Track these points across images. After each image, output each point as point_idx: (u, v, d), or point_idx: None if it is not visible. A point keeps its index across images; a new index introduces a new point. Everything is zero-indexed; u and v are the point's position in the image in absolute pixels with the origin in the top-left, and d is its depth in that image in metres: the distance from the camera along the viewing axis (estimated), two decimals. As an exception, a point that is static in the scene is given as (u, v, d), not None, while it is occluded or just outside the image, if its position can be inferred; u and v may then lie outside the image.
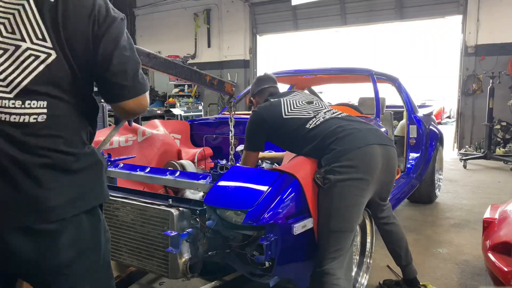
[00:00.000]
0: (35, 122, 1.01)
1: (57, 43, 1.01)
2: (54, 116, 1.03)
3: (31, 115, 1.00)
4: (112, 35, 1.07)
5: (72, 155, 1.07)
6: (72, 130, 1.08)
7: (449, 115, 15.92)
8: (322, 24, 9.84)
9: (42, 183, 1.02)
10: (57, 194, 1.04)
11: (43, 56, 1.00)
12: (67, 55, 1.03)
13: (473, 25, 7.84)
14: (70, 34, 1.02)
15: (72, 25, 1.02)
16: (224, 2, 10.49)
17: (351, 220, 1.88)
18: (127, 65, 1.10)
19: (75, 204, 1.08)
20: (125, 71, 1.10)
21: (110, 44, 1.07)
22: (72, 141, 1.07)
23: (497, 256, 2.03)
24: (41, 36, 1.00)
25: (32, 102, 1.00)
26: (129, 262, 1.91)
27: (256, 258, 1.65)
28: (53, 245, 1.05)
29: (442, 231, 3.58)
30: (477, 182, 5.50)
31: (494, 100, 6.73)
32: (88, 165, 1.11)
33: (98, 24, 1.05)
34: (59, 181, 1.04)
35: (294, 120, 2.10)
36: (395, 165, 2.10)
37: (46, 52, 1.01)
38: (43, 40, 1.00)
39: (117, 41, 1.08)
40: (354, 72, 3.95)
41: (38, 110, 1.01)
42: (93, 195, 1.14)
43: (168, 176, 2.07)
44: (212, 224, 1.75)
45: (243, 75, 10.41)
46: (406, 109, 4.03)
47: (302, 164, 1.93)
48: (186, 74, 2.09)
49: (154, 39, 11.53)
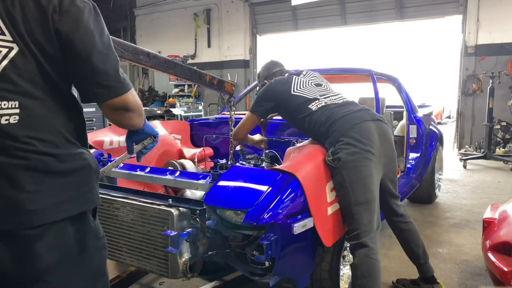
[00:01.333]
0: (7, 123, 0.95)
1: (17, 36, 0.96)
2: (28, 116, 0.97)
3: (2, 116, 0.95)
4: (83, 29, 1.00)
5: (53, 156, 1.01)
6: (50, 130, 1.01)
7: (449, 115, 15.91)
8: (322, 24, 9.84)
9: (21, 186, 0.97)
10: (38, 198, 0.98)
11: (4, 50, 0.95)
12: (30, 48, 0.97)
13: (473, 25, 7.84)
14: (31, 26, 0.96)
15: (31, 16, 0.96)
16: (224, 2, 10.49)
17: (371, 188, 1.99)
18: (106, 64, 1.04)
19: (59, 209, 1.02)
20: (106, 71, 1.03)
21: (83, 41, 1.00)
22: (53, 142, 1.01)
23: (497, 256, 2.03)
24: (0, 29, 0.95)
25: (3, 102, 0.95)
26: (129, 262, 1.91)
27: (256, 258, 1.65)
28: (30, 251, 1.00)
29: (442, 231, 3.58)
30: (477, 182, 5.50)
31: (494, 100, 6.72)
32: (75, 167, 1.05)
33: (59, 15, 0.98)
34: (41, 184, 0.99)
35: (299, 98, 2.29)
36: (391, 138, 2.23)
37: (7, 46, 0.95)
38: (1, 34, 0.95)
39: (92, 38, 1.01)
40: (354, 72, 3.95)
41: (10, 110, 0.95)
42: (81, 200, 1.07)
43: (168, 176, 2.07)
44: (212, 224, 1.75)
45: (243, 75, 10.41)
46: (406, 109, 4.03)
47: (302, 164, 1.93)
48: (186, 74, 2.09)
49: (154, 39, 11.52)
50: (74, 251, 1.07)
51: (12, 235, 0.98)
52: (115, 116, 1.12)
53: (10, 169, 0.96)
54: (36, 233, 0.99)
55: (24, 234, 0.99)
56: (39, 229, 0.99)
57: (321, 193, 1.89)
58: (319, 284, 1.99)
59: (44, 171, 0.99)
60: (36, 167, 0.98)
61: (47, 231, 1.01)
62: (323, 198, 1.89)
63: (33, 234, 0.99)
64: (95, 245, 1.14)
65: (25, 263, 1.00)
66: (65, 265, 1.06)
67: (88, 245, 1.11)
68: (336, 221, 1.95)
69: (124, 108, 1.10)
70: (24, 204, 0.97)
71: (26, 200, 0.97)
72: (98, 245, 1.15)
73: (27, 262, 1.00)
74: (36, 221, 0.99)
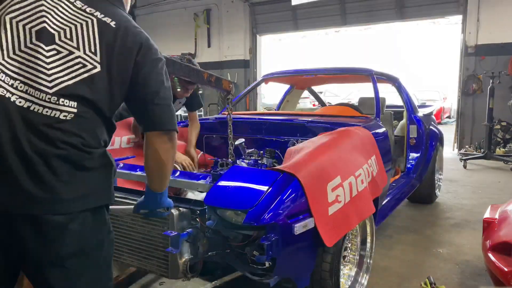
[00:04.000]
0: (64, 119, 1.09)
1: (105, 60, 1.14)
2: (80, 118, 1.11)
3: (62, 111, 1.09)
4: (157, 75, 1.23)
5: (88, 153, 1.13)
6: (91, 133, 1.15)
7: (449, 115, 15.91)
8: (322, 24, 9.83)
9: (57, 174, 1.07)
10: (70, 188, 1.09)
11: (90, 66, 1.12)
12: (110, 72, 1.15)
13: (473, 25, 7.84)
14: (119, 59, 1.16)
15: (125, 51, 1.17)
16: (224, 2, 10.48)
17: None
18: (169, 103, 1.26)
19: (83, 200, 1.12)
20: (169, 106, 1.26)
21: (156, 83, 1.22)
22: (90, 143, 1.14)
23: (497, 256, 2.03)
24: (94, 50, 1.13)
25: (66, 101, 1.09)
26: (129, 262, 1.91)
27: (256, 258, 1.65)
28: (57, 237, 1.09)
29: (442, 231, 3.58)
30: (477, 182, 5.50)
31: (494, 100, 6.72)
32: (100, 164, 1.17)
33: (143, 60, 1.20)
34: (73, 175, 1.10)
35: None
36: None
37: (93, 64, 1.13)
38: (94, 53, 1.13)
39: (162, 81, 1.24)
40: (354, 72, 3.95)
41: (69, 109, 1.09)
42: (101, 194, 1.18)
43: (168, 176, 2.07)
44: (212, 224, 1.75)
45: (243, 75, 10.41)
46: (406, 109, 4.03)
47: (302, 164, 1.93)
48: (184, 72, 2.08)
49: (154, 39, 11.08)
50: (91, 241, 1.17)
51: (41, 220, 1.07)
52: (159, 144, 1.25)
53: (52, 158, 1.06)
54: (63, 220, 1.09)
55: (53, 220, 1.08)
56: (65, 216, 1.09)
57: (322, 193, 1.88)
58: (319, 284, 1.98)
59: (78, 165, 1.11)
60: (72, 160, 1.10)
61: (72, 220, 1.10)
62: (324, 198, 1.89)
63: (60, 221, 1.09)
64: (108, 238, 1.23)
65: (50, 248, 1.09)
66: (83, 254, 1.15)
67: (103, 237, 1.21)
68: (337, 221, 1.95)
69: (169, 140, 1.26)
70: (58, 191, 1.07)
71: (60, 188, 1.07)
72: (110, 238, 1.25)
73: (52, 247, 1.09)
74: (65, 208, 1.09)
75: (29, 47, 1.08)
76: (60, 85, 1.09)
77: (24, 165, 1.04)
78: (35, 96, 1.07)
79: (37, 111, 1.06)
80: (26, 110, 1.06)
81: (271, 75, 4.15)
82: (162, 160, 1.26)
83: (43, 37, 1.10)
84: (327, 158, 2.06)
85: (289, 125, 3.05)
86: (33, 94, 1.07)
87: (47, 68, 1.08)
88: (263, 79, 4.19)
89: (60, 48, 1.10)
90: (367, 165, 2.33)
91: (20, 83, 1.06)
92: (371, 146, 2.57)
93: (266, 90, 12.74)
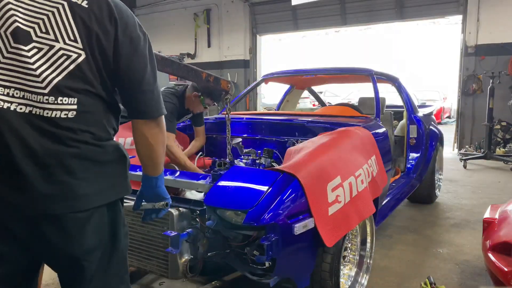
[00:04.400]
0: (66, 117, 1.08)
1: (87, 44, 1.09)
2: (83, 113, 1.10)
3: (62, 110, 1.07)
4: (139, 57, 1.18)
5: (100, 147, 1.13)
6: (99, 126, 1.14)
7: (449, 115, 15.91)
8: (322, 24, 9.83)
9: (73, 172, 1.07)
10: (87, 184, 1.10)
11: (74, 55, 1.08)
12: (96, 57, 1.11)
13: (473, 25, 7.83)
14: (101, 39, 1.10)
15: (102, 30, 1.11)
16: (224, 2, 10.48)
17: None
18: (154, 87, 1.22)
19: (102, 195, 1.14)
20: (153, 91, 1.21)
21: (139, 67, 1.18)
22: (100, 135, 1.14)
23: (497, 256, 2.03)
24: (73, 37, 1.09)
25: (64, 98, 1.07)
26: (129, 262, 1.91)
27: (256, 258, 1.65)
28: (79, 233, 1.11)
29: (442, 231, 3.58)
30: (477, 182, 5.50)
31: (494, 100, 6.72)
32: (114, 158, 1.18)
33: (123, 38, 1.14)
34: (89, 171, 1.10)
35: None
36: None
37: (77, 53, 1.09)
38: (74, 41, 1.09)
39: (145, 64, 1.19)
40: (354, 72, 3.95)
41: (69, 106, 1.08)
42: (119, 188, 1.20)
43: (168, 176, 2.07)
44: (212, 224, 1.75)
45: (243, 75, 10.40)
46: (406, 109, 4.03)
47: (302, 164, 1.93)
48: (182, 72, 2.08)
49: (154, 39, 11.47)
50: (109, 234, 1.19)
51: (63, 218, 1.08)
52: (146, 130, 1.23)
53: (65, 157, 1.07)
54: (84, 216, 1.11)
55: (74, 217, 1.09)
56: (86, 212, 1.11)
57: (322, 193, 1.88)
58: (319, 284, 1.98)
59: (92, 160, 1.11)
60: (86, 156, 1.10)
61: (92, 215, 1.12)
62: (324, 198, 1.89)
63: (81, 217, 1.10)
64: (124, 231, 1.25)
65: (75, 244, 1.11)
66: (103, 247, 1.17)
67: (120, 230, 1.22)
68: (337, 221, 1.95)
69: (157, 125, 1.24)
70: (76, 189, 1.08)
71: (77, 185, 1.08)
72: (125, 231, 1.26)
73: (76, 243, 1.11)
74: (84, 205, 1.10)
75: (11, 52, 1.05)
76: (52, 83, 1.06)
77: (39, 169, 1.04)
78: (33, 99, 1.05)
79: (40, 114, 1.05)
80: (29, 115, 1.05)
81: (271, 75, 4.15)
82: (152, 145, 1.25)
83: (20, 38, 1.05)
84: (327, 158, 2.06)
85: (289, 125, 3.05)
86: (30, 98, 1.05)
87: (34, 68, 1.05)
88: (263, 79, 4.19)
89: (40, 45, 1.06)
90: (367, 165, 2.33)
91: (15, 90, 1.04)
92: (371, 146, 2.57)
93: (266, 90, 12.74)
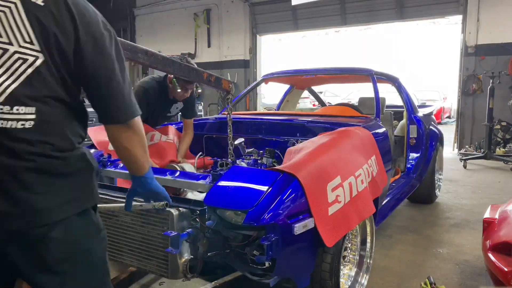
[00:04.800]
0: (23, 128, 0.99)
1: (44, 46, 1.00)
2: (43, 122, 1.02)
3: (18, 120, 0.99)
4: (105, 58, 1.09)
5: (61, 159, 1.06)
6: (61, 135, 1.07)
7: (449, 115, 15.91)
8: (322, 24, 9.83)
9: (31, 187, 1.01)
10: (47, 198, 1.03)
11: (31, 59, 0.99)
12: (55, 60, 1.02)
13: (473, 25, 7.83)
14: (59, 40, 1.01)
15: (61, 30, 1.01)
16: (224, 2, 10.48)
17: None
18: (123, 89, 1.14)
19: (64, 208, 1.07)
20: (123, 94, 1.14)
21: (106, 70, 1.09)
22: (61, 146, 1.06)
23: (497, 256, 2.03)
24: (29, 39, 0.99)
25: (21, 108, 0.99)
26: (129, 262, 1.91)
27: (256, 258, 1.65)
28: (40, 247, 1.05)
29: (442, 231, 3.58)
30: (477, 182, 5.50)
31: (494, 100, 6.72)
32: (77, 168, 1.11)
33: (85, 38, 1.05)
34: (48, 185, 1.04)
35: None
36: None
37: (34, 55, 1.00)
38: (30, 43, 0.99)
39: (112, 65, 1.11)
40: (354, 72, 3.95)
41: (26, 116, 0.99)
42: (84, 198, 1.14)
43: (168, 176, 2.07)
44: (212, 224, 1.75)
45: (243, 75, 10.40)
46: (406, 109, 4.03)
47: (302, 164, 1.93)
48: (183, 72, 2.08)
49: (154, 39, 11.51)
50: (80, 242, 1.14)
51: (22, 234, 1.03)
52: (118, 134, 1.19)
53: (21, 172, 1.00)
54: (45, 230, 1.05)
55: (34, 233, 1.04)
56: (47, 226, 1.05)
57: (322, 193, 1.88)
58: (319, 284, 1.98)
59: (52, 173, 1.04)
60: (45, 170, 1.03)
61: (54, 228, 1.06)
62: (324, 198, 1.89)
63: (42, 232, 1.04)
64: (97, 237, 1.21)
65: (37, 259, 1.06)
66: (73, 256, 1.12)
67: (92, 237, 1.18)
68: (337, 221, 1.94)
69: (129, 128, 1.18)
70: (34, 204, 1.02)
71: (35, 200, 1.02)
72: (100, 236, 1.22)
73: (38, 257, 1.06)
74: (44, 219, 1.04)
75: None
76: (7, 91, 0.97)
77: None
78: None
79: None
80: None
81: (271, 75, 4.15)
82: (127, 148, 1.21)
83: None
84: (327, 158, 2.06)
85: (289, 125, 3.05)
86: None
87: None
88: (263, 79, 4.19)
89: None
90: (367, 165, 2.33)
91: None
92: (371, 146, 2.57)
93: (266, 90, 12.74)
